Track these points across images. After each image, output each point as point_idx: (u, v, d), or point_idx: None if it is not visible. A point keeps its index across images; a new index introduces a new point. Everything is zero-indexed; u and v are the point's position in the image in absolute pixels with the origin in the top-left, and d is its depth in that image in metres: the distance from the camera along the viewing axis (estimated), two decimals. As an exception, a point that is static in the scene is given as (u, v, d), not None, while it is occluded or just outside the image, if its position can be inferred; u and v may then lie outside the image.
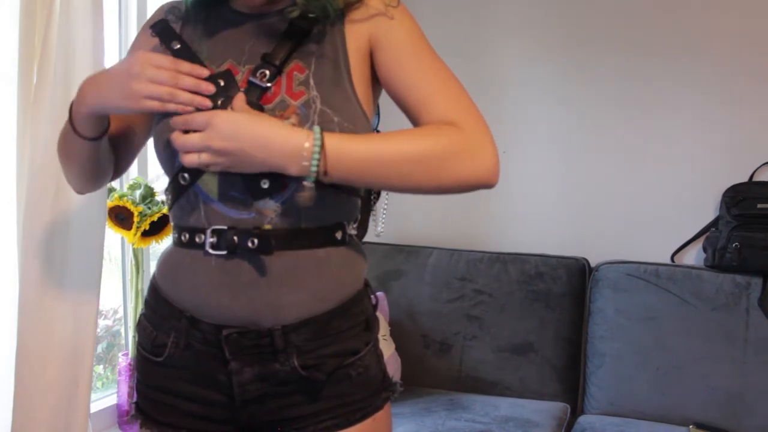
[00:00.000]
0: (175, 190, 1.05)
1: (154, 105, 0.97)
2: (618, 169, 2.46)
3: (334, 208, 1.05)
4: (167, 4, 1.16)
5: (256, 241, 0.99)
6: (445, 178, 1.00)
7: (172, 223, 1.09)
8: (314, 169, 0.94)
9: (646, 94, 2.41)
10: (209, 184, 1.02)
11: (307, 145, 0.94)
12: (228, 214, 1.01)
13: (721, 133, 2.34)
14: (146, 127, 1.16)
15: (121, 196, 1.87)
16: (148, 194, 1.93)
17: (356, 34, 1.06)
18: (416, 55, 1.06)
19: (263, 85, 1.01)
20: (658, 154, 2.41)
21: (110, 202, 1.84)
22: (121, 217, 1.87)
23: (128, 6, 2.08)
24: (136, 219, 1.86)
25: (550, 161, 2.54)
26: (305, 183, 0.96)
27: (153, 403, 1.10)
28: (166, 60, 0.98)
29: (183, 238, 1.04)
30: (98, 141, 1.06)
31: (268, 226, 1.00)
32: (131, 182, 1.97)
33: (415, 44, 1.07)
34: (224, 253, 1.00)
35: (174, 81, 0.96)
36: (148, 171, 2.16)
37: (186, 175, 1.03)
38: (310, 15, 1.03)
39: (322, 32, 1.05)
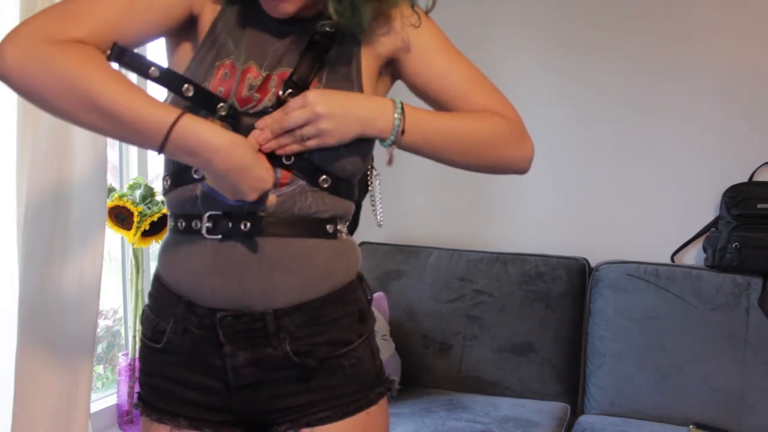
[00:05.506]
0: (178, 178, 1.06)
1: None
2: (618, 169, 2.46)
3: (330, 206, 1.06)
4: None
5: (248, 224, 1.01)
6: (494, 159, 1.13)
7: (169, 211, 1.10)
8: (397, 123, 1.02)
9: (646, 94, 2.41)
10: None
11: (389, 104, 1.03)
12: (225, 201, 1.02)
13: (721, 133, 2.34)
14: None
15: (121, 196, 1.87)
16: (148, 194, 1.92)
17: (370, 55, 1.10)
18: (447, 52, 1.14)
19: None
20: (659, 154, 2.41)
21: (110, 202, 1.84)
22: (121, 217, 1.87)
23: (128, 6, 2.08)
24: (136, 219, 1.86)
25: (550, 161, 2.53)
26: (387, 147, 1.03)
27: (153, 390, 1.11)
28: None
29: (179, 225, 1.06)
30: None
31: (262, 213, 1.02)
32: (131, 182, 1.97)
33: (442, 43, 1.15)
34: (219, 237, 1.02)
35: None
36: (148, 171, 2.16)
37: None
38: (328, 29, 1.04)
39: (336, 49, 1.08)
